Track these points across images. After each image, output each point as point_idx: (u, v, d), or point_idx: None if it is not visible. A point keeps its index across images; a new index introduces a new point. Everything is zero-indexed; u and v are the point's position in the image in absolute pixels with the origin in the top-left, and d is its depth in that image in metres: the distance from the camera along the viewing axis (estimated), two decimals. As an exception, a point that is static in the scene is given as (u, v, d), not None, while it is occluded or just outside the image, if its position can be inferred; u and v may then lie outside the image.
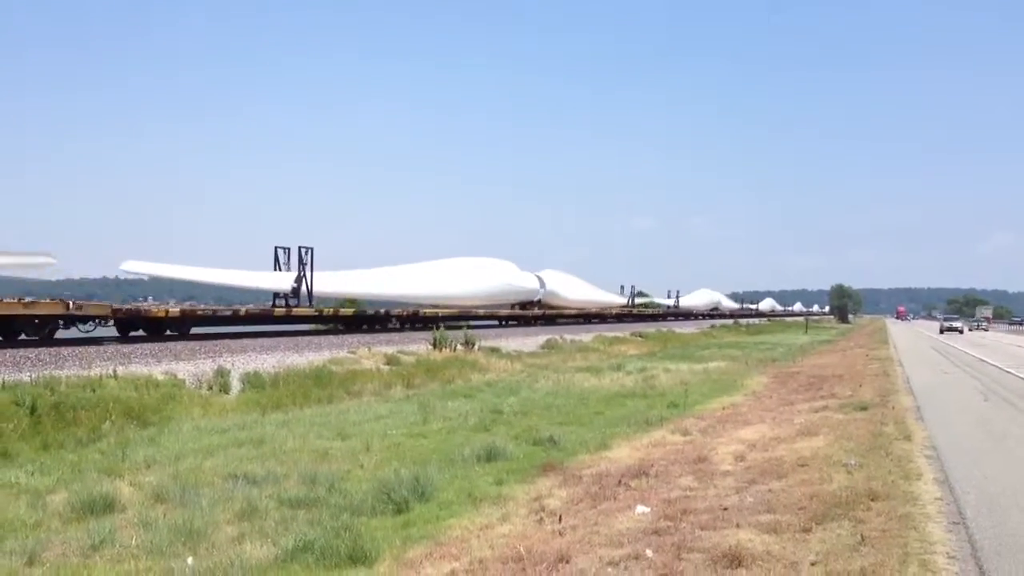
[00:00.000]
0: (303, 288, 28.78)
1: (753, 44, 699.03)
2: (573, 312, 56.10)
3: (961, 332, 68.25)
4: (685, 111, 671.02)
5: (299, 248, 28.91)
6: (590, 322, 55.60)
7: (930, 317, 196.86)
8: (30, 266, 28.49)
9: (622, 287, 73.00)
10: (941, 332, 67.47)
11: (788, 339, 54.28)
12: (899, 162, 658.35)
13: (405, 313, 35.70)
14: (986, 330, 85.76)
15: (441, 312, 38.00)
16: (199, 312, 25.35)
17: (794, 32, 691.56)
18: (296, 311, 28.26)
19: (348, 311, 32.84)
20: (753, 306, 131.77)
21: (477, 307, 41.83)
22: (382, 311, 35.07)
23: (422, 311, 36.58)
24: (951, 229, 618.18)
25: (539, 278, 50.11)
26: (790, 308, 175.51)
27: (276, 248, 29.10)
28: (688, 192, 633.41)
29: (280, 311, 27.82)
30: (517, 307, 48.11)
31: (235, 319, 26.26)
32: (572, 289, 55.69)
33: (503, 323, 44.61)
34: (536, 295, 49.45)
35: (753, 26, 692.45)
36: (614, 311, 64.50)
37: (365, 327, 32.80)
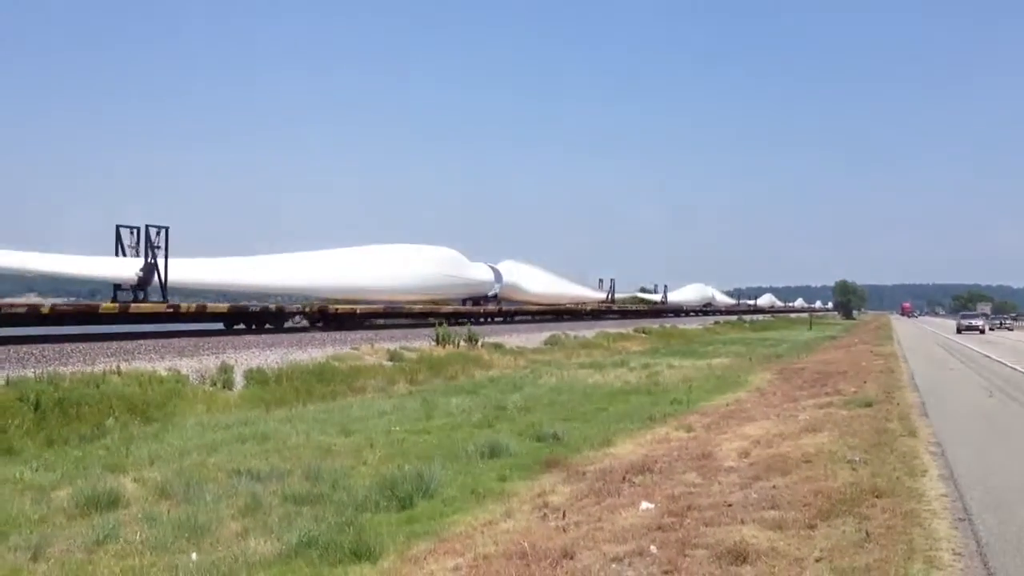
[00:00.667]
0: (156, 278, 22.84)
1: (758, 40, 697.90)
2: (538, 308, 50.27)
3: (982, 332, 60.12)
4: (685, 107, 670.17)
5: (146, 228, 22.94)
6: (561, 319, 48.48)
7: (933, 313, 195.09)
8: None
9: (601, 280, 67.02)
10: (959, 332, 59.68)
11: (792, 335, 54.24)
12: (902, 158, 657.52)
13: (310, 309, 29.76)
14: (1010, 329, 75.00)
15: (360, 308, 31.90)
16: None
17: (800, 30, 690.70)
18: (137, 307, 21.93)
19: (221, 307, 26.58)
20: (751, 302, 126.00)
21: (412, 302, 35.51)
22: (272, 306, 28.72)
23: (332, 307, 30.29)
24: (956, 225, 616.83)
25: (494, 269, 44.24)
26: (791, 303, 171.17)
27: (118, 228, 23.05)
28: (689, 186, 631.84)
29: (110, 307, 21.56)
30: (469, 302, 41.70)
31: (31, 318, 19.89)
32: (537, 282, 49.78)
33: (449, 321, 34.11)
34: (491, 288, 43.59)
35: (759, 24, 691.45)
36: (589, 307, 58.45)
37: (254, 327, 26.87)
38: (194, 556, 6.44)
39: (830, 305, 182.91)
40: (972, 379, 21.13)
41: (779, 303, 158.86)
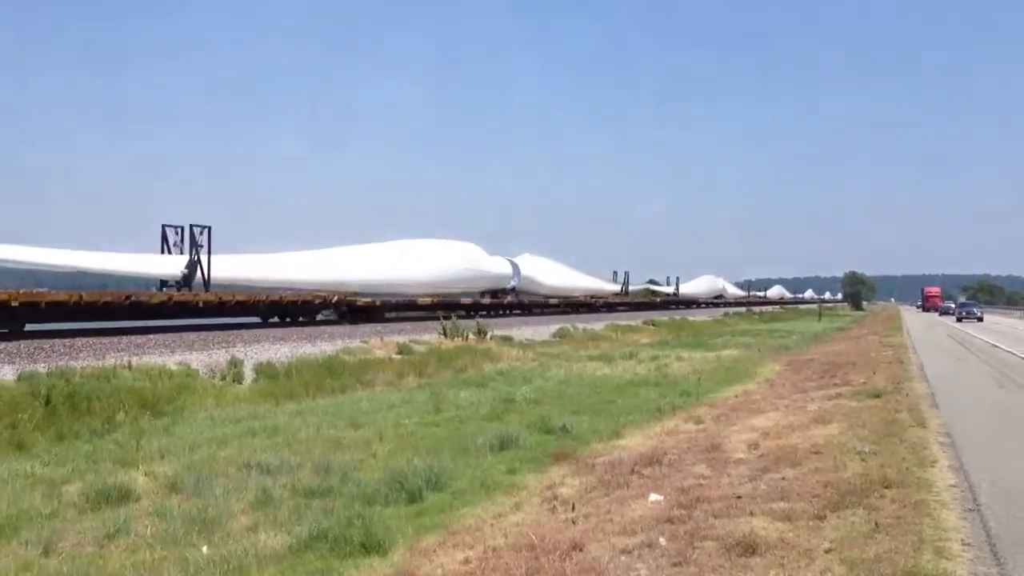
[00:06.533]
0: (199, 275, 23.74)
1: (770, 25, 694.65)
2: (556, 301, 50.11)
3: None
4: (695, 95, 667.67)
5: (191, 227, 24.06)
6: (578, 311, 49.02)
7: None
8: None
9: (615, 272, 66.52)
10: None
11: (801, 327, 53.98)
12: (911, 149, 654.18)
13: (337, 301, 29.49)
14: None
15: (379, 301, 31.71)
16: None
17: (814, 17, 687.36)
18: (180, 296, 22.33)
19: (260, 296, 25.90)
20: (760, 293, 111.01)
21: (433, 295, 34.57)
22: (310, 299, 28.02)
23: (359, 301, 30.22)
24: (964, 215, 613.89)
25: (512, 263, 43.89)
26: (799, 295, 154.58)
27: (164, 227, 24.39)
28: (700, 178, 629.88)
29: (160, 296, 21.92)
30: (488, 295, 41.85)
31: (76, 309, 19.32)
32: (553, 275, 49.72)
33: (468, 313, 35.38)
34: (509, 281, 43.29)
35: (771, 9, 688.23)
36: (603, 300, 58.18)
37: (288, 320, 27.13)
38: (205, 550, 6.47)
39: (834, 296, 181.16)
40: (982, 369, 21.04)
41: (788, 294, 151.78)
